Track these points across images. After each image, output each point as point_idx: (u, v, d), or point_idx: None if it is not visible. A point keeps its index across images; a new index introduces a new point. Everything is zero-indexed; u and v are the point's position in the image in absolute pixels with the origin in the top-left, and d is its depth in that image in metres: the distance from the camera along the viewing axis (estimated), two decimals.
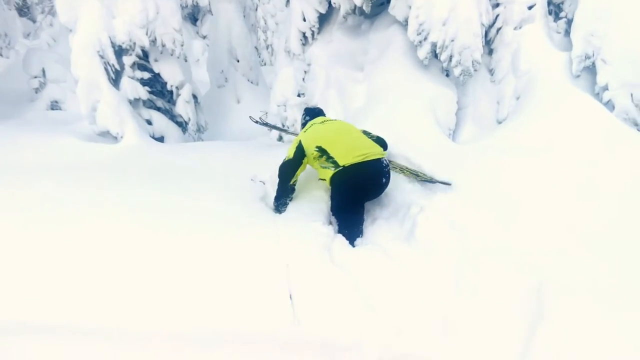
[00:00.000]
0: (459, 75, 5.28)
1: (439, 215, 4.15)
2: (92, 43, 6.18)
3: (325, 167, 4.19)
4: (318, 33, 6.41)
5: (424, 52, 5.18)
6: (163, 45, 6.86)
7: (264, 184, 4.70)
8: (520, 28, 5.52)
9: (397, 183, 4.67)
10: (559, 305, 3.14)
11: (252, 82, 10.37)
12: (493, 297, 3.28)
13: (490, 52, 5.74)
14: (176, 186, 4.38)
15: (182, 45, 7.00)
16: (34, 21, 20.27)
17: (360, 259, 3.74)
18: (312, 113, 4.90)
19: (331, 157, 4.11)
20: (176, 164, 5.37)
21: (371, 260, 3.73)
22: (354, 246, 4.02)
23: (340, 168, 4.05)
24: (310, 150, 4.23)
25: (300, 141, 4.33)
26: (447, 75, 5.67)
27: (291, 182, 4.31)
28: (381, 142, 4.52)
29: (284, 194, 4.32)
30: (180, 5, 7.34)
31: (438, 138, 5.10)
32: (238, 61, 10.25)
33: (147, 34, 6.62)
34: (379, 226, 4.24)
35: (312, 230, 3.95)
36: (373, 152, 4.15)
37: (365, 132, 4.56)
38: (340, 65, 6.08)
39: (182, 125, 7.78)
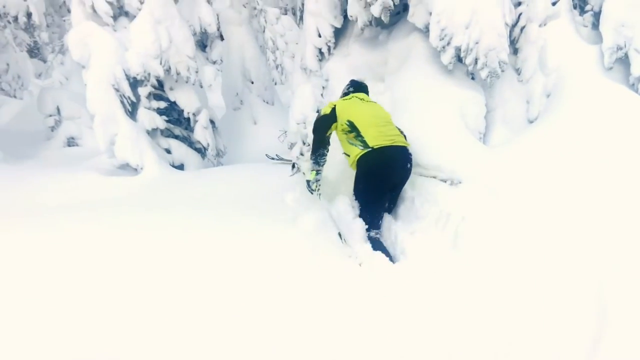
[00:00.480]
0: (486, 77, 5.09)
1: (482, 224, 3.95)
2: (106, 77, 6.09)
3: (353, 144, 4.22)
4: (334, 48, 6.26)
5: (448, 57, 5.00)
6: (178, 74, 6.77)
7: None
8: (545, 25, 5.34)
9: (432, 193, 4.48)
10: (622, 311, 2.91)
11: (267, 103, 10.27)
12: (550, 311, 3.06)
13: (515, 51, 5.55)
14: (206, 214, 4.22)
15: (196, 72, 6.91)
16: (45, 61, 20.48)
17: (402, 276, 3.55)
18: (357, 86, 4.90)
19: (361, 136, 4.14)
20: (201, 191, 5.25)
21: (414, 277, 3.54)
22: (371, 232, 4.08)
23: (369, 149, 4.09)
24: (342, 121, 4.28)
25: (335, 106, 4.38)
26: (473, 78, 5.48)
27: (327, 134, 4.37)
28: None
29: (321, 146, 4.39)
30: None
31: (470, 144, 4.90)
32: (252, 83, 10.16)
33: (161, 63, 6.52)
34: (419, 239, 4.03)
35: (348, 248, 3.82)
36: (400, 139, 4.26)
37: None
38: (360, 78, 5.92)
39: (201, 151, 7.67)
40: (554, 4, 5.32)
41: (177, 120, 7.42)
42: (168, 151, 7.09)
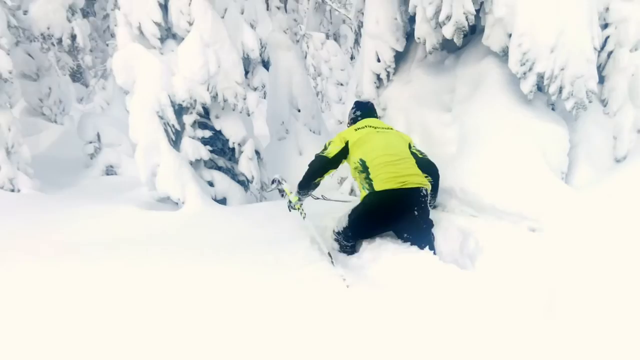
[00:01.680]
0: (572, 108, 4.49)
1: (580, 288, 3.32)
2: (151, 104, 5.73)
3: (362, 185, 3.93)
4: (394, 74, 5.77)
5: (529, 84, 4.43)
6: (225, 100, 6.33)
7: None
8: (636, 50, 4.73)
9: (513, 244, 3.89)
10: None
11: (314, 132, 9.75)
12: None
13: (601, 79, 4.94)
14: (254, 258, 3.84)
15: (244, 99, 6.48)
16: (87, 86, 20.65)
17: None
18: (365, 109, 4.54)
19: (370, 179, 3.78)
20: (247, 230, 4.81)
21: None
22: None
23: (373, 192, 3.76)
24: (354, 159, 3.95)
25: (347, 143, 4.01)
26: (553, 109, 4.90)
27: (320, 178, 4.10)
28: (426, 166, 4.11)
29: (309, 186, 4.15)
30: None
31: (554, 185, 4.30)
32: (299, 111, 9.68)
33: (208, 89, 6.11)
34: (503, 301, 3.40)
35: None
36: (413, 180, 3.81)
37: (413, 151, 4.15)
38: (423, 107, 5.39)
39: (244, 183, 7.20)
40: None
41: (221, 151, 6.98)
42: (211, 184, 6.65)
